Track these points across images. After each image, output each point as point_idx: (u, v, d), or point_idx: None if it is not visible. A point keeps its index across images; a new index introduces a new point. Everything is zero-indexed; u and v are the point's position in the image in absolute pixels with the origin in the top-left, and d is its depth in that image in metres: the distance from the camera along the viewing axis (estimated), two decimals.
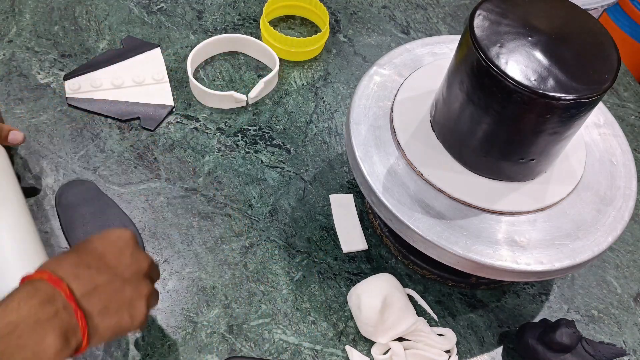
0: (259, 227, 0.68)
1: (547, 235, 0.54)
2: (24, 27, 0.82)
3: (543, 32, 0.50)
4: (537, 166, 0.55)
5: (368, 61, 0.87)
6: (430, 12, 0.96)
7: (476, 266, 0.53)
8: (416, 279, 0.66)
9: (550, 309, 0.66)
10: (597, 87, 0.47)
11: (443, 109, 0.56)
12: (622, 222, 0.56)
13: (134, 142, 0.73)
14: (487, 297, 0.66)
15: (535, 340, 0.58)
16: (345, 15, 0.93)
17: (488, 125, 0.52)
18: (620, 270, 0.71)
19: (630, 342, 0.65)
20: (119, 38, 0.83)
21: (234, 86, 0.81)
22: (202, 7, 0.89)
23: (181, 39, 0.85)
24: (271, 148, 0.75)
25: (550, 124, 0.49)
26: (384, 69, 0.65)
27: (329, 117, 0.79)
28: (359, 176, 0.57)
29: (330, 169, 0.74)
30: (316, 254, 0.67)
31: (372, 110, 0.61)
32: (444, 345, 0.60)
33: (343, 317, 0.63)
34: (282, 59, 0.84)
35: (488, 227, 0.54)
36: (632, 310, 0.68)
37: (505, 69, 0.47)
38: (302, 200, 0.71)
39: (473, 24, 0.49)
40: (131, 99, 0.77)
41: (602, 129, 0.63)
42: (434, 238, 0.53)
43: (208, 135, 0.75)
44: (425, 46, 0.67)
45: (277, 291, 0.64)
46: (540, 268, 0.52)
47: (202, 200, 0.69)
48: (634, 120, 0.87)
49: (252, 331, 0.61)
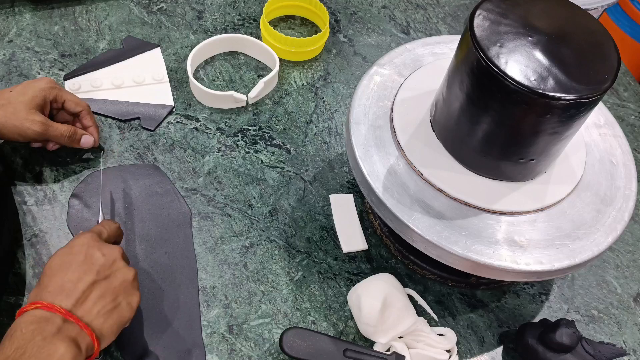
0: (259, 227, 0.68)
1: (547, 235, 0.54)
2: (24, 27, 0.82)
3: (543, 32, 0.50)
4: (537, 166, 0.55)
5: (368, 61, 0.87)
6: (430, 12, 0.96)
7: (476, 266, 0.52)
8: (416, 279, 0.66)
9: (550, 309, 0.66)
10: (597, 87, 0.47)
11: (443, 109, 0.56)
12: (622, 222, 0.56)
13: (134, 142, 0.73)
14: (487, 297, 0.66)
15: (535, 340, 0.58)
16: (345, 15, 0.93)
17: (488, 125, 0.52)
18: (620, 270, 0.71)
19: (630, 342, 0.65)
20: (119, 38, 0.83)
21: (234, 86, 0.81)
22: (202, 7, 0.89)
23: (181, 39, 0.85)
24: (271, 148, 0.75)
25: (550, 124, 0.49)
26: (384, 69, 0.65)
27: (329, 117, 0.79)
28: (359, 176, 0.57)
29: (330, 169, 0.74)
30: (316, 254, 0.67)
31: (372, 110, 0.61)
32: (445, 345, 0.60)
33: (343, 317, 0.63)
34: (282, 59, 0.84)
35: (488, 227, 0.54)
36: (632, 310, 0.68)
37: (505, 68, 0.47)
38: (302, 200, 0.71)
39: (473, 24, 0.49)
40: (131, 99, 0.77)
41: (602, 129, 0.63)
42: (434, 238, 0.53)
43: (208, 135, 0.75)
44: (426, 46, 0.67)
45: (277, 291, 0.64)
46: (540, 268, 0.52)
47: (202, 200, 0.69)
48: (634, 120, 0.87)
49: (252, 331, 0.61)
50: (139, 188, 0.68)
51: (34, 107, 0.62)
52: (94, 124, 0.69)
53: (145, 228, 0.65)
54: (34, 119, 0.62)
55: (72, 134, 0.66)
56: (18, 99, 0.62)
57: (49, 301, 0.47)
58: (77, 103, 0.67)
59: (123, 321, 0.50)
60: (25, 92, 0.62)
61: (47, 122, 0.63)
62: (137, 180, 0.69)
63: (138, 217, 0.66)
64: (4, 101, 0.61)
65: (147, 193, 0.68)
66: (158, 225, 0.66)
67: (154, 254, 0.64)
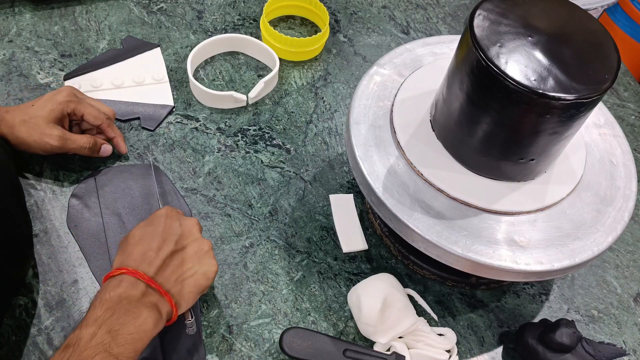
0: (259, 227, 0.68)
1: (546, 235, 0.54)
2: (24, 27, 0.82)
3: (543, 32, 0.50)
4: (537, 166, 0.55)
5: (368, 61, 0.87)
6: (430, 12, 0.96)
7: (476, 266, 0.52)
8: (416, 279, 0.66)
9: (550, 309, 0.66)
10: (597, 87, 0.47)
11: (443, 108, 0.56)
12: (622, 222, 0.56)
13: (134, 142, 0.73)
14: (487, 297, 0.66)
15: (535, 340, 0.58)
16: (345, 15, 0.93)
17: (488, 125, 0.52)
18: (620, 270, 0.71)
19: (630, 342, 0.65)
20: (119, 38, 0.83)
21: (234, 86, 0.81)
22: (202, 7, 0.89)
23: (181, 39, 0.85)
24: (271, 148, 0.75)
25: (550, 124, 0.49)
26: (384, 69, 0.65)
27: (329, 117, 0.79)
28: (359, 176, 0.57)
29: (330, 169, 0.74)
30: (316, 254, 0.67)
31: (372, 110, 0.61)
32: (445, 345, 0.60)
33: (343, 317, 0.63)
34: (282, 59, 0.84)
35: (488, 227, 0.54)
36: (632, 310, 0.68)
37: (505, 68, 0.47)
38: (302, 200, 0.71)
39: (473, 24, 0.49)
40: (131, 99, 0.77)
41: (602, 129, 0.63)
42: (434, 238, 0.53)
43: (208, 135, 0.75)
44: (426, 46, 0.67)
45: (277, 291, 0.64)
46: (540, 268, 0.52)
47: (202, 200, 0.69)
48: (634, 120, 0.87)
49: (252, 331, 0.61)
50: (139, 188, 0.68)
51: (52, 120, 0.63)
52: (118, 134, 0.70)
53: None
54: (52, 133, 0.63)
55: (92, 146, 0.67)
56: (37, 113, 0.63)
57: (133, 267, 0.50)
58: (96, 117, 0.67)
59: (200, 289, 0.53)
60: (45, 106, 0.64)
61: (65, 136, 0.64)
62: (137, 180, 0.69)
63: (138, 217, 0.66)
64: (26, 117, 0.63)
65: (147, 193, 0.68)
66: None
67: None
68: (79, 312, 0.59)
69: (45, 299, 0.60)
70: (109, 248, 0.63)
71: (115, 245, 0.63)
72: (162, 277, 0.51)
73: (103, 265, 0.62)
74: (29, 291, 0.60)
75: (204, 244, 0.55)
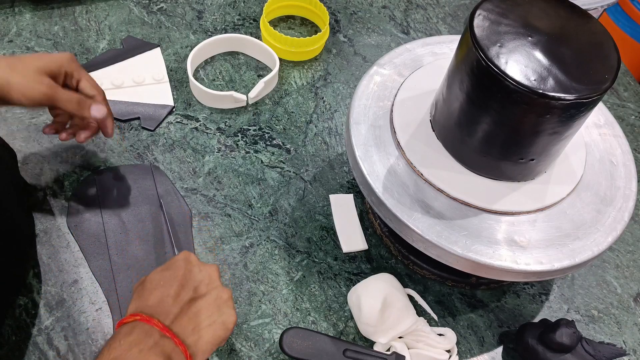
0: (259, 227, 0.68)
1: (546, 236, 0.54)
2: (24, 27, 0.82)
3: (543, 32, 0.50)
4: (537, 166, 0.55)
5: (368, 61, 0.87)
6: (430, 12, 0.96)
7: (476, 266, 0.52)
8: (416, 279, 0.66)
9: (550, 309, 0.66)
10: (597, 87, 0.47)
11: (443, 108, 0.56)
12: (622, 222, 0.56)
13: (134, 142, 0.73)
14: (487, 297, 0.66)
15: (535, 340, 0.58)
16: (345, 15, 0.93)
17: (488, 125, 0.52)
18: (620, 270, 0.71)
19: (630, 342, 0.65)
20: (119, 38, 0.83)
21: (234, 86, 0.81)
22: (202, 7, 0.89)
23: (181, 39, 0.85)
24: (271, 148, 0.75)
25: (550, 124, 0.49)
26: (384, 69, 0.65)
27: (329, 117, 0.79)
28: (359, 176, 0.57)
29: (330, 169, 0.74)
30: (316, 254, 0.67)
31: (372, 110, 0.61)
32: (445, 345, 0.60)
33: (343, 317, 0.63)
34: (282, 59, 0.84)
35: (488, 227, 0.54)
36: (632, 310, 0.68)
37: (505, 68, 0.47)
38: (302, 200, 0.71)
39: (473, 24, 0.49)
40: (131, 99, 0.77)
41: (602, 129, 0.63)
42: (434, 238, 0.53)
43: (208, 135, 0.75)
44: (426, 46, 0.67)
45: (277, 291, 0.64)
46: (540, 268, 0.52)
47: (202, 200, 0.69)
48: (634, 120, 0.87)
49: (252, 331, 0.61)
50: (139, 188, 0.68)
51: (46, 72, 0.57)
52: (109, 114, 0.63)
53: (145, 228, 0.65)
54: (42, 80, 0.56)
55: (80, 99, 0.59)
56: (32, 62, 0.56)
57: (148, 314, 0.47)
58: (94, 86, 0.61)
59: (218, 340, 0.49)
60: (42, 57, 0.57)
61: (55, 86, 0.57)
62: (137, 180, 0.69)
63: (138, 217, 0.66)
64: (16, 61, 0.56)
65: (147, 193, 0.68)
66: (158, 225, 0.66)
67: (154, 254, 0.64)
68: (78, 312, 0.59)
69: (46, 299, 0.60)
70: (109, 248, 0.63)
71: (115, 245, 0.63)
72: (178, 326, 0.47)
73: (103, 265, 0.62)
74: (29, 291, 0.60)
75: (224, 292, 0.51)
